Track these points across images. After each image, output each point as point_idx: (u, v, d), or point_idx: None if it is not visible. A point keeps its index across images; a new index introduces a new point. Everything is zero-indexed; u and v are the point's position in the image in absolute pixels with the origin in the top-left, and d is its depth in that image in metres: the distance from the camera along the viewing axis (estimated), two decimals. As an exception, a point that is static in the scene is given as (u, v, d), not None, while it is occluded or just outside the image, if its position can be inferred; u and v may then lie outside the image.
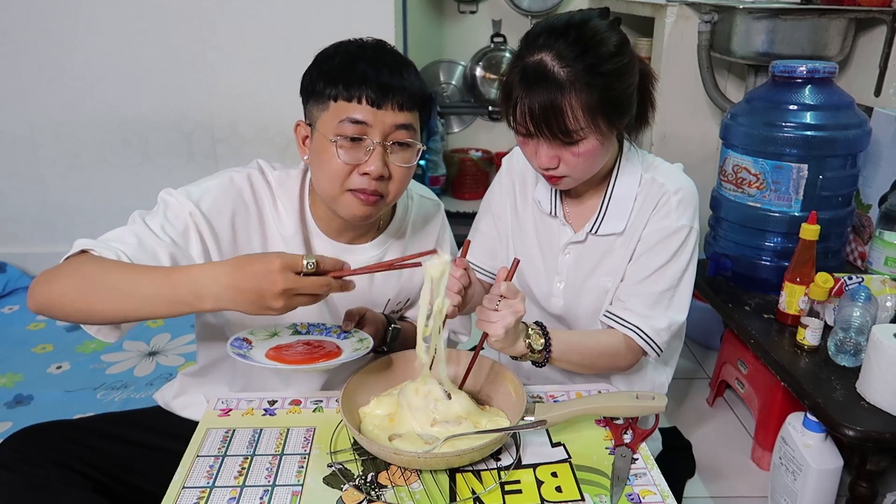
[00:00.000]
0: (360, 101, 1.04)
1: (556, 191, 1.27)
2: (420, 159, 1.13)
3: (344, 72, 1.05)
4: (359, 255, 1.20)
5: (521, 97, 1.06)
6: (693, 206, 1.20)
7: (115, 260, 0.96)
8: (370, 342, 1.07)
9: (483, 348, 1.06)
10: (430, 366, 1.02)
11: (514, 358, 1.09)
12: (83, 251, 0.98)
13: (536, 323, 1.11)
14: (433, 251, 0.97)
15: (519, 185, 1.33)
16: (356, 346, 1.06)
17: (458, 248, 1.30)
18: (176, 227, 1.05)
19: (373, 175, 1.05)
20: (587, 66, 1.04)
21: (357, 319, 1.16)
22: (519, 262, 1.05)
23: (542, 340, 1.08)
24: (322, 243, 1.19)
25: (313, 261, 0.88)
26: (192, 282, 0.89)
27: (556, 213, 1.27)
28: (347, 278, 0.93)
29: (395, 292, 1.27)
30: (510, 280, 1.02)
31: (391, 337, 1.24)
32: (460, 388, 1.05)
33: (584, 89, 1.04)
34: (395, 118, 1.05)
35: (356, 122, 1.04)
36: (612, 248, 1.23)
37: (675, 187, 1.19)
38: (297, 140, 1.14)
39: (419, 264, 0.97)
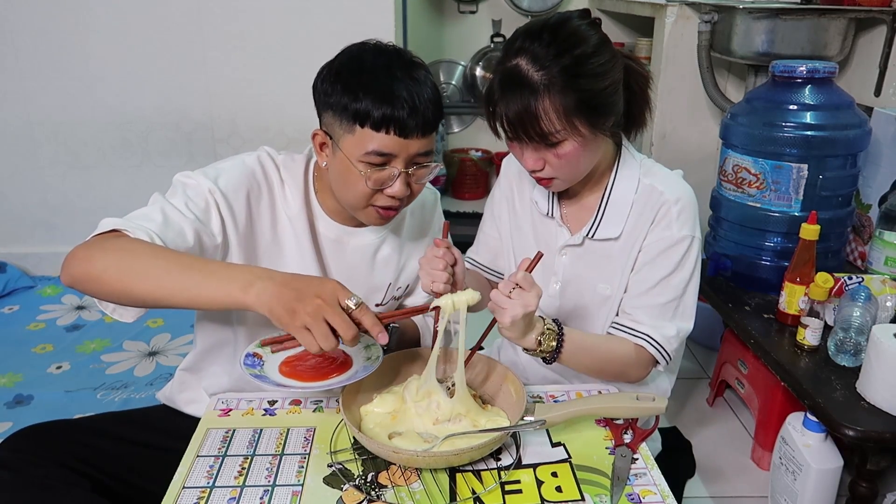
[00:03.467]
0: (387, 132, 1.05)
1: (552, 192, 1.27)
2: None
3: (372, 94, 1.04)
4: (359, 237, 1.24)
5: (498, 102, 1.08)
6: (693, 215, 1.19)
7: (157, 245, 0.97)
8: (380, 352, 1.07)
9: (485, 342, 1.06)
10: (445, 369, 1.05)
11: (525, 350, 1.09)
12: (113, 231, 0.99)
13: (554, 320, 1.10)
14: (436, 308, 1.02)
15: (517, 186, 1.34)
16: (366, 356, 1.06)
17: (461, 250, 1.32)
18: (198, 204, 1.08)
19: (397, 197, 1.10)
20: (562, 68, 1.03)
21: None
22: (542, 255, 1.04)
23: (555, 343, 1.08)
24: (326, 225, 1.22)
25: (358, 300, 0.90)
26: (248, 272, 0.91)
27: (553, 214, 1.27)
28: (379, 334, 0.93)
29: (395, 276, 1.29)
30: (531, 272, 1.02)
31: (390, 334, 1.24)
32: (466, 361, 1.06)
33: (559, 92, 1.04)
34: (419, 146, 1.08)
35: (383, 154, 1.06)
36: (609, 254, 1.23)
37: (675, 196, 1.18)
38: (315, 145, 1.15)
39: (425, 310, 1.05)
